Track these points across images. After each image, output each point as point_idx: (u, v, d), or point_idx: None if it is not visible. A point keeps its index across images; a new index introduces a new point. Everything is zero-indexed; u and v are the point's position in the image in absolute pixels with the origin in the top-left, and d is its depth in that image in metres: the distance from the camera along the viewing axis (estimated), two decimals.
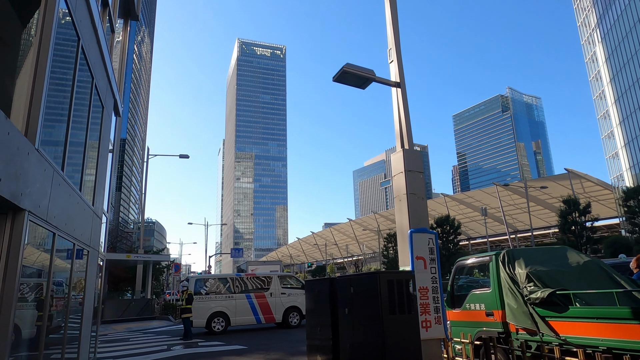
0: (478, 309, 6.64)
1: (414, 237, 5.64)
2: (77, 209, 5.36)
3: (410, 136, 6.19)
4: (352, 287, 5.61)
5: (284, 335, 13.56)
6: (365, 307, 5.26)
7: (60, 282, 5.10)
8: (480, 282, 7.01)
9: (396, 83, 6.38)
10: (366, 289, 5.29)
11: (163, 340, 13.62)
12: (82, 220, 5.68)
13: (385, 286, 5.02)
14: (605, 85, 66.17)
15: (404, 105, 6.35)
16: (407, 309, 5.03)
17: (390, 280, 5.08)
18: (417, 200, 5.80)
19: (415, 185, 5.83)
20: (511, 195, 52.37)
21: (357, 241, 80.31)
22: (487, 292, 6.53)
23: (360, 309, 5.37)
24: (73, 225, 5.14)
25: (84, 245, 5.86)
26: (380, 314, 4.89)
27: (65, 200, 4.79)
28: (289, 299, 16.11)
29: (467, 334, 6.06)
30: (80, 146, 5.54)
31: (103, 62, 6.52)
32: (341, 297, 5.87)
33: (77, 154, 5.49)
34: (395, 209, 6.00)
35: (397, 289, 5.04)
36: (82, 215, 5.72)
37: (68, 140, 4.73)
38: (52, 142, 4.40)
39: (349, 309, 5.60)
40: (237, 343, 12.15)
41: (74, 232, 5.21)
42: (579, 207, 32.97)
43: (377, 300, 4.95)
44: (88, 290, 6.34)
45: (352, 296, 5.57)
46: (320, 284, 6.84)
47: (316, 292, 6.89)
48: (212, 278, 16.19)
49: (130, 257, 22.92)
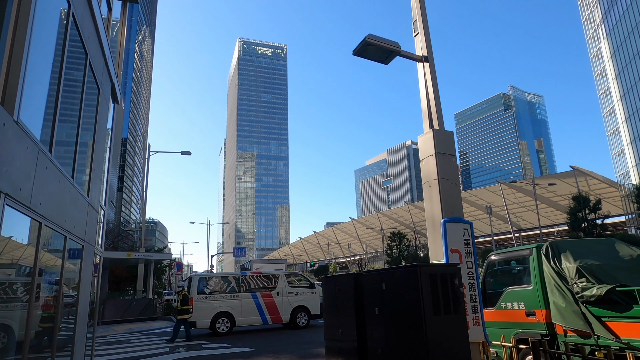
0: (516, 308, 6.04)
1: (447, 227, 5.04)
2: (69, 198, 4.81)
3: (440, 115, 5.61)
4: (383, 284, 4.93)
5: (293, 337, 13.00)
6: (401, 306, 4.61)
7: (50, 280, 4.54)
8: (517, 278, 6.41)
9: (423, 57, 5.80)
10: (402, 286, 4.63)
11: (165, 342, 13.06)
12: (75, 211, 5.13)
13: (428, 282, 4.33)
14: (611, 81, 65.46)
15: (433, 81, 5.76)
16: (453, 309, 4.36)
17: (433, 274, 4.40)
18: (450, 186, 5.21)
19: (447, 170, 5.24)
20: (515, 193, 51.76)
21: (359, 240, 79.77)
22: (527, 289, 5.93)
23: (395, 309, 4.71)
24: (64, 216, 4.59)
25: (78, 240, 5.31)
26: (421, 315, 4.21)
27: (55, 187, 4.24)
28: (297, 299, 15.50)
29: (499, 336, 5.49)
30: (72, 128, 4.99)
31: (98, 39, 5.97)
32: (369, 295, 5.22)
33: (68, 137, 4.94)
34: (425, 196, 5.42)
35: (441, 284, 4.37)
36: (76, 206, 5.17)
37: (57, 119, 4.17)
38: (37, 118, 3.85)
39: (379, 308, 4.95)
40: (243, 345, 11.58)
41: (65, 223, 4.66)
42: (589, 204, 32.37)
43: (418, 299, 4.28)
44: (83, 288, 5.79)
45: (384, 294, 4.89)
46: (341, 280, 6.21)
47: (336, 289, 6.24)
48: (215, 277, 15.51)
49: (130, 255, 22.37)
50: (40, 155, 3.66)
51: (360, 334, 5.44)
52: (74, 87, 4.93)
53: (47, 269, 4.37)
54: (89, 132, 5.86)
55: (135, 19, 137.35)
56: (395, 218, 70.46)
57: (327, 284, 6.86)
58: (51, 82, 4.10)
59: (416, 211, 65.15)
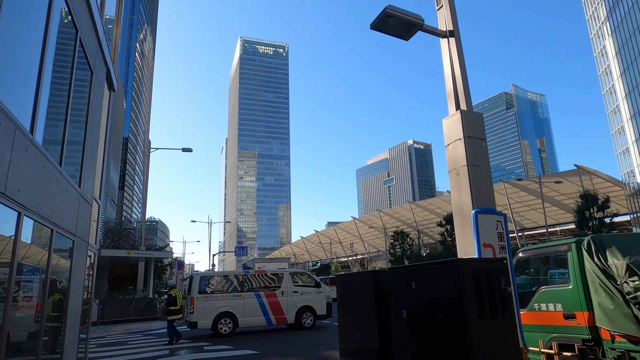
0: (551, 309, 5.52)
1: (479, 219, 4.53)
2: (56, 187, 4.35)
3: (468, 95, 5.13)
4: (413, 282, 4.33)
5: (299, 338, 12.50)
6: (436, 308, 4.00)
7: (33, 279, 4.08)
8: (553, 276, 5.90)
9: (448, 32, 5.34)
10: (438, 284, 4.03)
11: (165, 344, 12.59)
12: (63, 202, 4.67)
13: (471, 279, 3.71)
14: (616, 79, 64.86)
15: (460, 58, 5.29)
16: (500, 312, 3.77)
17: (476, 270, 3.77)
18: (481, 173, 4.73)
19: (477, 155, 4.76)
20: (518, 192, 51.24)
21: (361, 240, 79.32)
22: (566, 288, 5.39)
23: (428, 311, 4.11)
24: (49, 207, 4.13)
25: (67, 234, 4.86)
26: (464, 319, 3.59)
27: (38, 174, 3.78)
28: (302, 298, 14.93)
29: (538, 341, 4.98)
30: (59, 110, 4.52)
31: (91, 17, 5.51)
32: (395, 295, 4.63)
33: (55, 120, 4.47)
34: (452, 185, 4.93)
35: (486, 283, 3.79)
36: (65, 197, 4.72)
37: (40, 96, 3.71)
38: (15, 93, 3.38)
39: (408, 310, 4.36)
40: (247, 347, 11.09)
41: (51, 215, 4.19)
42: (597, 202, 31.83)
43: (459, 300, 3.67)
44: (74, 288, 5.33)
45: (414, 293, 4.27)
46: (358, 278, 5.66)
47: (353, 288, 5.70)
48: (218, 275, 14.92)
49: (130, 253, 21.89)
50: (18, 134, 3.21)
51: (383, 338, 4.90)
52: (61, 64, 4.46)
53: (29, 265, 3.91)
54: (80, 118, 5.40)
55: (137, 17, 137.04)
56: (397, 217, 70.03)
57: (342, 282, 6.29)
58: (31, 53, 3.64)
59: (418, 210, 64.66)
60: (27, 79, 3.58)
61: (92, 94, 5.77)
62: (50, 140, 4.34)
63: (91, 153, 5.91)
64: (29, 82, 3.59)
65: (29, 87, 3.59)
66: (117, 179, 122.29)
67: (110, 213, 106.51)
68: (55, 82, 4.38)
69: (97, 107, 6.12)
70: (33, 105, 3.65)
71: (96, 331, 17.04)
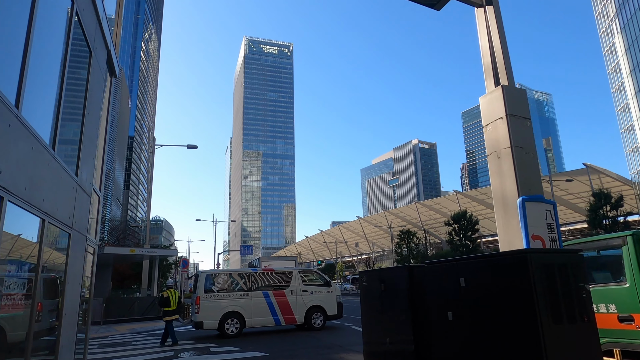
0: (602, 311, 5.02)
1: (527, 207, 4.03)
2: (48, 173, 3.91)
3: (509, 69, 4.64)
4: (462, 278, 3.69)
5: (309, 340, 12.00)
6: (495, 310, 3.36)
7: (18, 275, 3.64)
8: (603, 274, 5.38)
9: (485, 0, 4.86)
10: (499, 281, 3.37)
11: (170, 345, 12.16)
12: (57, 190, 4.23)
13: (542, 275, 3.08)
14: (625, 77, 63.92)
15: (499, 28, 4.81)
16: (578, 315, 3.17)
17: (549, 264, 3.14)
18: (526, 156, 4.23)
19: (522, 136, 4.26)
20: None
21: (366, 239, 78.84)
22: (621, 287, 4.89)
23: (484, 314, 3.45)
24: (40, 194, 3.69)
25: (62, 225, 4.41)
26: (536, 324, 2.95)
27: (25, 155, 3.34)
28: (312, 298, 14.37)
29: None
30: (52, 87, 4.07)
31: None
32: (435, 293, 3.98)
33: (46, 97, 4.03)
34: (491, 170, 4.44)
35: (560, 280, 3.17)
36: (59, 184, 4.27)
37: (27, 66, 3.26)
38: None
39: (455, 312, 3.73)
40: (255, 349, 10.60)
41: (42, 204, 3.75)
42: (610, 200, 31.15)
43: (529, 300, 3.04)
44: (70, 285, 4.90)
45: (464, 292, 3.62)
46: (390, 274, 5.10)
47: (382, 285, 5.12)
48: (224, 274, 14.35)
49: (134, 251, 21.50)
50: None
51: (420, 344, 4.33)
52: (54, 35, 4.02)
53: (13, 258, 3.47)
54: (77, 99, 4.95)
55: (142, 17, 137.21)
56: (403, 217, 69.53)
57: (368, 279, 5.67)
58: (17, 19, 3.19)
59: (424, 210, 64.09)
60: (12, 48, 3.13)
61: (91, 75, 5.33)
62: (40, 120, 3.89)
63: (90, 139, 5.48)
64: (13, 50, 3.14)
65: (14, 55, 3.15)
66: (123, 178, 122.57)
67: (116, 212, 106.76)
68: (47, 55, 3.94)
69: (97, 90, 5.68)
70: (19, 76, 3.21)
71: (99, 331, 16.66)
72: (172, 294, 12.79)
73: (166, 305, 12.60)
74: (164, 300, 12.67)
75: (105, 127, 6.86)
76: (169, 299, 12.63)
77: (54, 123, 4.15)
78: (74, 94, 4.85)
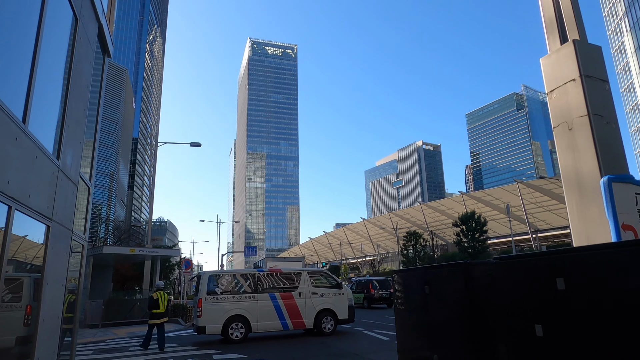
0: None
1: (614, 189, 3.13)
2: (15, 150, 3.23)
3: (580, 21, 3.88)
4: (561, 279, 2.70)
5: (320, 346, 11.18)
6: (623, 326, 2.41)
7: None
8: None
9: None
10: (623, 284, 2.47)
11: (171, 350, 11.44)
12: (29, 173, 3.55)
13: None
14: (635, 76, 62.97)
15: None
16: None
17: None
18: (607, 127, 3.46)
19: (601, 102, 3.49)
20: (533, 193, 49.68)
21: (371, 241, 78.09)
22: None
23: (602, 331, 2.52)
24: (3, 175, 3.01)
25: (36, 215, 3.73)
26: None
27: None
28: (322, 300, 13.50)
29: None
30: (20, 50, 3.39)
31: None
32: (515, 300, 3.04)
33: (16, 61, 3.36)
34: (559, 145, 3.64)
35: None
36: (32, 166, 3.60)
37: None
38: None
39: (547, 325, 2.75)
40: (261, 356, 9.82)
41: (7, 187, 3.08)
42: None
43: None
44: (50, 286, 4.21)
45: (563, 298, 2.67)
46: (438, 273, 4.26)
47: (426, 287, 4.30)
48: (228, 274, 13.53)
49: (134, 251, 20.78)
50: None
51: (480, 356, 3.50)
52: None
53: None
54: (57, 70, 4.27)
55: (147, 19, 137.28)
56: (408, 218, 68.78)
57: (407, 279, 4.89)
58: None
59: (429, 211, 63.24)
60: None
61: (77, 45, 4.66)
62: (6, 84, 3.21)
63: (76, 120, 4.80)
64: None
65: None
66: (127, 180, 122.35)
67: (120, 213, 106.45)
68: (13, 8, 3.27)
69: (84, 64, 5.01)
70: None
71: (97, 334, 15.98)
72: (161, 296, 12.04)
73: (155, 308, 11.89)
74: (153, 303, 11.95)
75: (98, 110, 6.20)
76: (158, 302, 11.92)
77: (27, 91, 3.47)
78: (54, 64, 4.18)
